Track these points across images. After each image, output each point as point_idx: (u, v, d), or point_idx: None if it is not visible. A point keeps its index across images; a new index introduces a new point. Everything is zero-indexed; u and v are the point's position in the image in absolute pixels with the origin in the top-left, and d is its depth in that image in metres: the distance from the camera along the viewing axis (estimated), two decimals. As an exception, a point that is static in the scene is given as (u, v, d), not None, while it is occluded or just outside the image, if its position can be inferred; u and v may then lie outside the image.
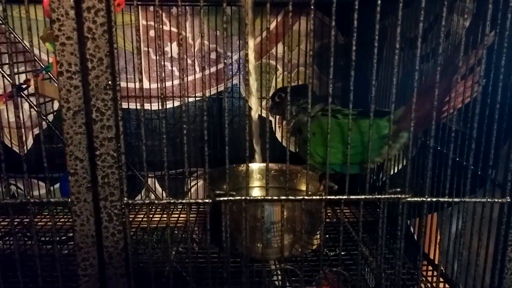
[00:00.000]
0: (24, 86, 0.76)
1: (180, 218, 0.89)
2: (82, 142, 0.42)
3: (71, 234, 0.82)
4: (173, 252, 0.68)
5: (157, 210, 0.93)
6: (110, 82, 0.41)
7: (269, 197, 0.46)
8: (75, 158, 0.42)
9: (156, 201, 0.47)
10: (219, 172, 0.81)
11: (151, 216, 0.88)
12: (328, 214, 0.89)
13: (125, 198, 0.44)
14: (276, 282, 0.68)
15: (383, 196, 0.45)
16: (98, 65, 0.40)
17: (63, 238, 0.85)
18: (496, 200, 0.46)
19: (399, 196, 0.45)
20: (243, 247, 0.63)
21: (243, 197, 0.46)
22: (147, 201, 0.46)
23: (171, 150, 1.03)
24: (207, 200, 0.46)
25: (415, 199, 0.45)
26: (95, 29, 0.40)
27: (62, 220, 0.88)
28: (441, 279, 0.62)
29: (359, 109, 0.71)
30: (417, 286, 0.60)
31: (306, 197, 0.46)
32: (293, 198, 0.46)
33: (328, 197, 0.46)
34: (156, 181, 1.05)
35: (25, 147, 0.99)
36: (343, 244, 0.74)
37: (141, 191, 1.03)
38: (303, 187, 0.86)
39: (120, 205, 0.44)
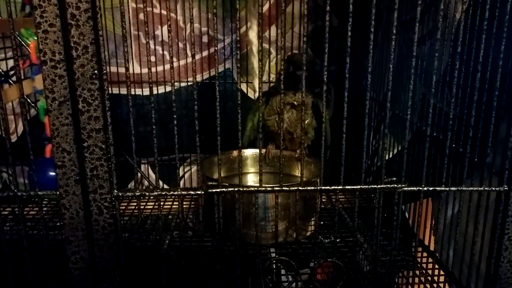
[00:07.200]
0: (11, 72, 0.74)
1: (174, 206, 0.88)
2: (69, 134, 0.41)
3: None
4: (167, 241, 0.67)
5: (151, 198, 0.92)
6: (96, 71, 0.39)
7: (262, 188, 0.45)
8: (62, 150, 0.41)
9: (147, 193, 0.46)
10: (212, 159, 0.80)
11: (143, 204, 0.87)
12: (323, 200, 0.88)
13: (115, 191, 0.43)
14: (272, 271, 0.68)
15: (378, 186, 0.44)
16: (83, 54, 0.39)
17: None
18: (493, 188, 0.46)
19: (395, 185, 0.44)
20: (237, 237, 0.62)
21: (236, 188, 0.45)
22: (137, 193, 0.44)
23: (164, 136, 1.02)
24: (199, 192, 0.45)
25: (411, 188, 0.45)
26: (79, 16, 0.38)
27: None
28: (436, 266, 0.62)
29: None
30: (412, 273, 0.60)
31: (300, 188, 0.45)
32: (287, 188, 0.45)
33: (323, 187, 0.45)
34: (149, 167, 1.04)
35: (15, 135, 0.97)
36: (338, 231, 0.73)
37: (134, 177, 1.02)
38: (298, 172, 0.85)
39: (110, 197, 0.43)
